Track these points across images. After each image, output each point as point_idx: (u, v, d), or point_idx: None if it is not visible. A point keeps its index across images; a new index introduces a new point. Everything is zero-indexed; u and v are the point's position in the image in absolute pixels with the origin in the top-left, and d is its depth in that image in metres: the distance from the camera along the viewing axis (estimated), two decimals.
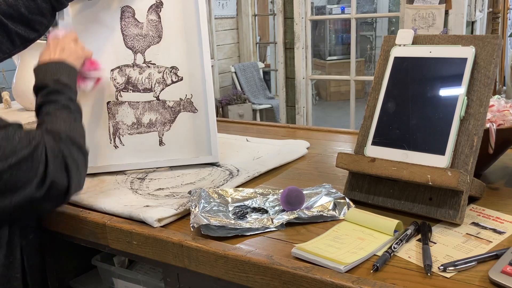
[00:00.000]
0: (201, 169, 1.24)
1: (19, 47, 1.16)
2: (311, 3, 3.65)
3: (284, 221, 0.91)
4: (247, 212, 0.96)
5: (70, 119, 0.99)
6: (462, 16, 2.89)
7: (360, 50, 7.83)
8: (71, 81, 1.04)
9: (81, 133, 1.00)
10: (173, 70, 1.25)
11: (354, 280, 0.72)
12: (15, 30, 1.12)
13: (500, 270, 0.70)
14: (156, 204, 1.01)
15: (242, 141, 1.46)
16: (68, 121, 0.98)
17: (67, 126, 0.96)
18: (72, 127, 0.97)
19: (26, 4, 1.11)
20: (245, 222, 0.91)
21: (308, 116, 3.74)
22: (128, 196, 1.08)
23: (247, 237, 0.88)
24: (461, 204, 0.86)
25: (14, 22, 1.12)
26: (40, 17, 1.14)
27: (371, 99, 1.02)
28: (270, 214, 0.95)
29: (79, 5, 1.23)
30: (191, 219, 0.90)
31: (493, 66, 0.91)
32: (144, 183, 1.17)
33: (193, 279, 0.93)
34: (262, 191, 1.04)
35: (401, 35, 1.01)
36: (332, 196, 0.99)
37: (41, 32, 1.18)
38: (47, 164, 0.87)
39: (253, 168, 1.21)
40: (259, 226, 0.90)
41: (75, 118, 1.02)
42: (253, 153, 1.33)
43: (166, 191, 1.10)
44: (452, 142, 0.88)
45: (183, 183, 1.15)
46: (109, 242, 0.99)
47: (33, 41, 1.18)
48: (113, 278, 1.21)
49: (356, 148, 1.01)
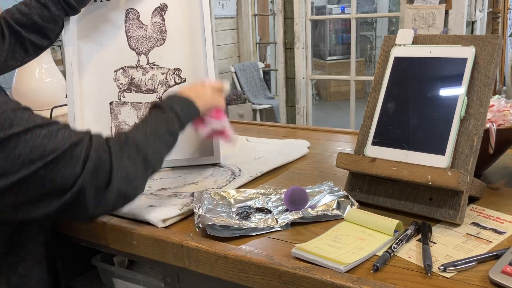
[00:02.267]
0: (203, 169, 1.24)
1: (32, 55, 1.16)
2: (311, 3, 3.65)
3: (289, 221, 0.91)
4: (250, 212, 0.95)
5: (156, 133, 0.91)
6: (462, 16, 2.89)
7: (360, 50, 7.83)
8: (184, 114, 0.98)
9: (157, 149, 0.91)
10: (176, 72, 1.25)
11: (354, 280, 0.72)
12: (28, 38, 1.12)
13: (500, 270, 0.70)
14: (160, 204, 1.01)
15: (242, 141, 1.46)
16: (152, 133, 0.90)
17: (144, 137, 0.88)
18: (151, 140, 0.89)
19: (39, 12, 1.11)
20: (250, 222, 0.91)
21: (308, 116, 3.74)
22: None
23: (249, 238, 0.88)
24: (461, 204, 0.86)
25: (28, 31, 1.12)
26: (53, 24, 1.15)
27: (371, 99, 1.02)
28: (274, 214, 0.95)
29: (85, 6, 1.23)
30: (195, 219, 0.90)
31: (493, 66, 0.91)
32: (147, 183, 1.17)
33: (193, 279, 0.94)
34: (264, 191, 1.04)
35: (401, 35, 1.01)
36: (335, 194, 0.99)
37: (53, 39, 1.19)
38: (85, 166, 0.78)
39: (255, 168, 1.21)
40: (264, 226, 0.90)
41: (161, 135, 0.92)
42: (254, 153, 1.34)
43: (169, 191, 1.11)
44: (452, 142, 0.88)
45: (186, 183, 1.15)
46: (109, 242, 0.99)
47: (46, 48, 1.19)
48: (113, 278, 1.21)
49: (356, 148, 1.01)
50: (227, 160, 1.28)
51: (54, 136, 0.78)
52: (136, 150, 0.86)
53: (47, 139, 0.77)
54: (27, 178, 0.75)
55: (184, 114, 0.97)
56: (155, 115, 0.94)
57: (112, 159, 0.81)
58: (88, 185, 0.78)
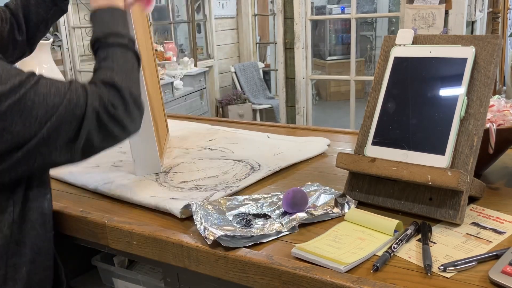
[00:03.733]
0: (224, 163, 1.26)
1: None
2: (311, 3, 3.65)
3: (297, 223, 0.90)
4: (250, 219, 0.93)
5: (128, 63, 0.93)
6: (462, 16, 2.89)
7: (360, 50, 7.84)
8: (127, 27, 0.98)
9: (136, 80, 0.93)
10: None
11: (354, 280, 0.72)
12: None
13: (500, 270, 0.70)
14: (181, 197, 1.04)
15: (263, 138, 1.50)
16: (125, 66, 0.92)
17: (123, 73, 0.90)
18: (129, 74, 0.91)
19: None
20: (254, 229, 0.89)
21: (308, 116, 3.74)
22: (154, 188, 1.11)
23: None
24: (461, 204, 0.86)
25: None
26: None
27: (371, 99, 1.02)
28: (274, 218, 0.94)
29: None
30: (201, 231, 0.87)
31: (493, 66, 0.91)
32: (168, 176, 1.20)
33: (193, 279, 0.94)
34: (253, 196, 1.03)
35: (401, 35, 1.01)
36: (329, 193, 1.00)
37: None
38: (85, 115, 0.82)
39: (274, 163, 1.24)
40: (272, 232, 0.88)
41: (133, 64, 0.95)
42: (273, 149, 1.36)
43: (190, 183, 1.13)
44: (452, 142, 0.88)
45: (206, 176, 1.17)
46: (109, 242, 0.99)
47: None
48: (113, 278, 1.21)
49: (356, 148, 1.01)
50: (247, 155, 1.31)
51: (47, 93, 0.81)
52: (129, 93, 0.89)
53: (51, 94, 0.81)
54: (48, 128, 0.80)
55: (128, 27, 0.99)
56: (113, 44, 0.94)
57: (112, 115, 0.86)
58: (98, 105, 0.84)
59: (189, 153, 1.38)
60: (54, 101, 0.81)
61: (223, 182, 1.12)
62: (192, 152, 1.39)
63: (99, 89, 0.86)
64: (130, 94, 0.89)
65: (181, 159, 1.32)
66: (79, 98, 0.83)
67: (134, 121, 0.91)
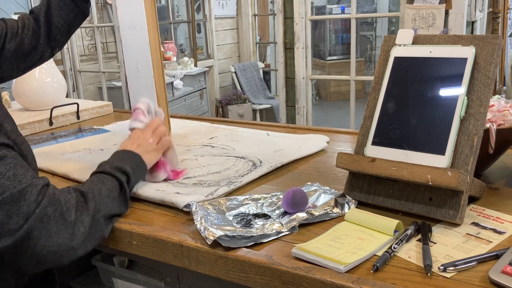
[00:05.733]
0: (226, 160, 1.28)
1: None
2: (311, 3, 3.65)
3: (297, 223, 0.90)
4: (250, 219, 0.93)
5: (108, 190, 0.94)
6: (462, 16, 2.89)
7: (360, 50, 7.84)
8: (135, 174, 1.02)
9: (110, 208, 0.93)
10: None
11: (354, 280, 0.72)
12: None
13: (500, 270, 0.70)
14: (186, 192, 1.05)
15: (263, 135, 1.51)
16: (106, 190, 0.93)
17: (98, 192, 0.91)
18: (104, 197, 0.92)
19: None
20: (254, 229, 0.89)
21: (308, 116, 3.74)
22: (159, 183, 1.13)
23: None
24: (461, 204, 0.86)
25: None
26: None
27: (371, 99, 1.02)
28: (274, 218, 0.94)
29: None
30: (201, 231, 0.87)
31: (493, 66, 0.91)
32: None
33: (193, 279, 0.94)
34: (253, 196, 1.03)
35: (401, 35, 1.01)
36: (329, 193, 1.00)
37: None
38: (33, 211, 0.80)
39: (275, 159, 1.25)
40: (272, 232, 0.88)
41: (115, 196, 0.95)
42: (274, 146, 1.38)
43: (194, 179, 1.15)
44: (452, 142, 0.88)
45: (209, 172, 1.19)
46: (109, 242, 0.99)
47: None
48: (113, 278, 1.22)
49: (356, 148, 1.01)
50: (249, 152, 1.33)
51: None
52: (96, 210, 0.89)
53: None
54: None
55: (136, 174, 1.02)
56: (108, 173, 0.97)
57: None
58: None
59: (191, 150, 1.39)
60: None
61: (226, 178, 1.14)
62: (194, 149, 1.40)
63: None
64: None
65: (183, 156, 1.33)
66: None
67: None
